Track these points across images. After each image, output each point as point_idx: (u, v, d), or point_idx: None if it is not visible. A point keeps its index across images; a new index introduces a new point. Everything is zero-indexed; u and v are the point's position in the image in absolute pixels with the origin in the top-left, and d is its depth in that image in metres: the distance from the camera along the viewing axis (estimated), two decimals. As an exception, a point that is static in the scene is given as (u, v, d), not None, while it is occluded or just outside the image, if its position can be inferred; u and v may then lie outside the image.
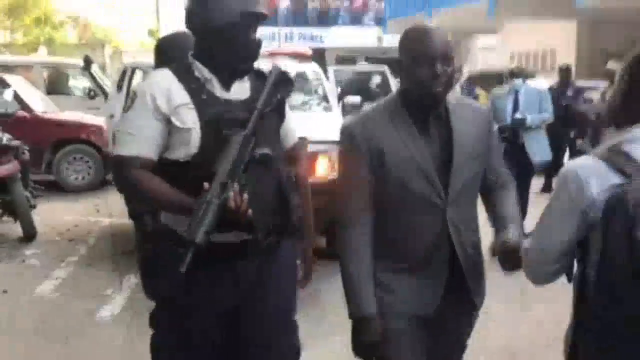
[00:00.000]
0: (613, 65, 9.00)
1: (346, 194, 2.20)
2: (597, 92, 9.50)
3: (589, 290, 1.69)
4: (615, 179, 1.65)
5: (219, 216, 2.05)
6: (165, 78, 2.24)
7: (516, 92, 6.54)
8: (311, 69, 7.87)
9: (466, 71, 17.68)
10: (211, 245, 2.07)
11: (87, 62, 11.64)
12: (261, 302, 2.33)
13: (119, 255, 5.83)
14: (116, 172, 2.37)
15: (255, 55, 2.32)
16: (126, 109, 2.28)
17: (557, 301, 2.57)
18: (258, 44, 2.32)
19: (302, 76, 7.60)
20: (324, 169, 5.45)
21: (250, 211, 2.12)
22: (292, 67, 7.84)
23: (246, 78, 2.34)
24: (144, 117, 2.18)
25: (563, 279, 1.80)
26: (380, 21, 26.95)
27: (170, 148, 2.20)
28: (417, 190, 2.12)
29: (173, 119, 2.18)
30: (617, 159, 1.67)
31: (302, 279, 2.56)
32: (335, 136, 3.77)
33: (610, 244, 1.61)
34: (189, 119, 2.19)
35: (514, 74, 6.78)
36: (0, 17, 28.37)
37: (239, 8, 2.19)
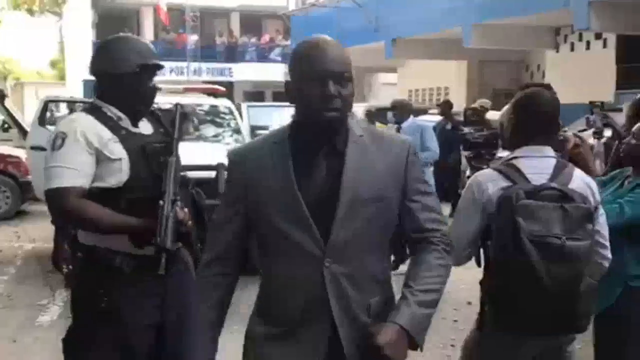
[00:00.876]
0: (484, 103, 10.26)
1: (210, 230, 1.98)
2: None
3: (489, 267, 2.35)
4: (505, 183, 2.31)
5: (175, 228, 2.31)
6: (87, 119, 2.49)
7: (399, 128, 6.78)
8: (223, 104, 8.37)
9: (363, 106, 18.80)
10: (137, 258, 2.39)
11: (1, 96, 11.87)
12: (183, 315, 2.49)
13: (47, 272, 6.25)
14: (55, 203, 2.43)
15: (152, 100, 2.59)
16: (57, 147, 2.40)
17: None
18: (154, 89, 2.59)
19: (215, 110, 8.13)
20: None
21: (190, 223, 2.40)
22: (205, 102, 8.22)
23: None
24: (77, 153, 2.40)
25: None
26: (286, 57, 27.90)
27: (99, 178, 2.42)
28: (293, 237, 1.78)
29: (105, 152, 2.43)
30: (507, 170, 2.36)
31: None
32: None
33: (500, 227, 2.27)
34: (117, 151, 2.44)
35: (394, 107, 7.10)
36: None
37: (137, 61, 2.49)
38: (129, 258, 2.44)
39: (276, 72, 28.94)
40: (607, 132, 7.17)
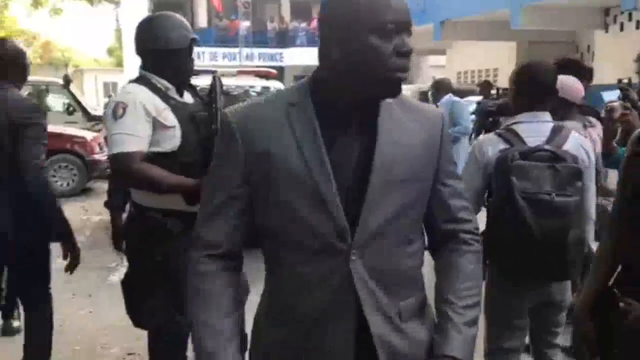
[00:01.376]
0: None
1: (204, 206, 1.54)
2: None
3: (490, 217, 2.66)
4: (503, 146, 2.60)
5: None
6: (142, 89, 2.73)
7: (436, 106, 7.32)
8: (274, 85, 8.61)
9: (411, 88, 19.04)
10: (185, 216, 2.58)
11: (67, 81, 12.63)
12: None
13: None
14: (120, 166, 2.64)
15: (192, 71, 2.88)
16: (118, 116, 2.63)
17: None
18: (193, 62, 2.88)
19: (267, 91, 8.25)
20: None
21: None
22: (258, 84, 8.46)
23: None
24: (137, 121, 2.64)
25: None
26: (336, 42, 28.12)
27: (155, 143, 2.67)
28: (310, 222, 1.43)
29: (160, 120, 2.68)
30: (506, 134, 2.65)
31: None
32: None
33: (497, 186, 2.59)
34: (170, 119, 2.70)
35: (433, 86, 7.42)
36: (-37, 37, 28.67)
37: (187, 37, 2.79)
38: (178, 219, 2.69)
39: (326, 56, 29.33)
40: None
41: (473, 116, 8.16)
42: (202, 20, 31.39)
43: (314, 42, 30.38)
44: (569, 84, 3.36)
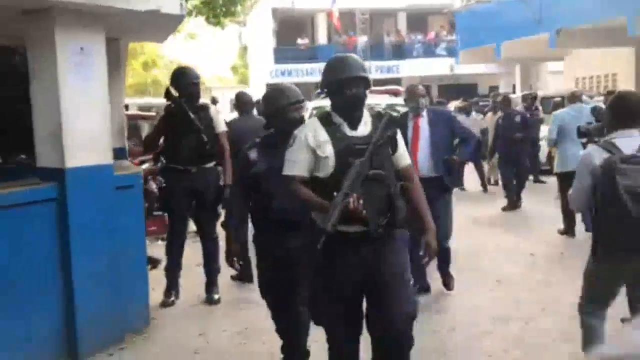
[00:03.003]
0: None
1: None
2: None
3: (596, 216, 3.51)
4: (606, 154, 3.39)
5: (342, 214, 2.95)
6: (313, 123, 3.26)
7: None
8: (400, 101, 9.31)
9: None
10: (341, 233, 3.03)
11: (214, 101, 14.31)
12: (379, 273, 3.20)
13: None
14: (286, 185, 3.25)
15: (359, 107, 3.23)
16: (290, 145, 3.26)
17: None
18: (358, 97, 3.20)
19: (393, 107, 9.18)
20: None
21: (364, 211, 3.00)
22: (385, 100, 9.57)
23: (370, 119, 3.26)
24: (300, 151, 3.20)
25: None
26: (451, 52, 28.85)
27: (316, 170, 3.17)
28: None
29: (317, 151, 3.16)
30: (607, 146, 3.47)
31: (426, 258, 3.35)
32: None
33: (605, 184, 3.39)
34: (327, 151, 3.14)
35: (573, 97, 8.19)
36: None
37: (353, 74, 3.19)
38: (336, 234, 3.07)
39: (442, 66, 30.00)
40: None
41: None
42: (322, 37, 32.91)
43: (430, 53, 31.20)
44: None
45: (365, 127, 3.21)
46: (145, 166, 7.26)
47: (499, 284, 6.10)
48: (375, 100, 9.40)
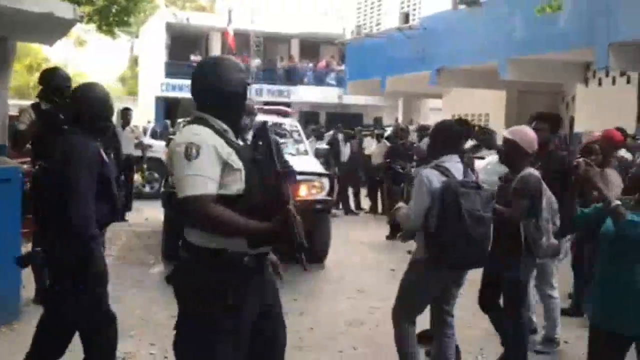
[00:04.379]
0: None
1: None
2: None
3: (430, 229, 3.86)
4: (443, 178, 3.82)
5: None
6: (208, 132, 2.67)
7: None
8: (290, 122, 9.85)
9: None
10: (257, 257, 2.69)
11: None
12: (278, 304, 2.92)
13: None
14: (194, 208, 2.57)
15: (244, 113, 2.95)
16: (193, 157, 2.57)
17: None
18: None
19: (283, 127, 9.44)
20: (305, 192, 7.65)
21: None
22: (276, 120, 9.44)
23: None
24: (210, 164, 2.59)
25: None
26: (341, 81, 29.84)
27: (222, 186, 2.60)
28: None
29: (229, 162, 2.62)
30: (441, 169, 3.93)
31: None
32: (313, 170, 6.18)
33: (444, 207, 3.78)
34: (237, 162, 2.64)
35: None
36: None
37: (245, 80, 2.82)
38: (254, 257, 2.69)
39: (331, 95, 30.97)
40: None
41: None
42: (215, 56, 33.03)
43: (321, 81, 32.10)
44: (527, 136, 4.31)
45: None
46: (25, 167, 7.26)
47: (359, 292, 6.67)
48: (265, 118, 9.57)
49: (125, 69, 48.10)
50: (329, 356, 4.95)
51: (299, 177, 6.97)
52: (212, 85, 2.76)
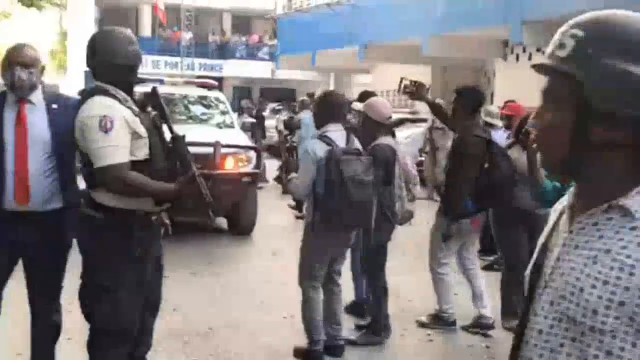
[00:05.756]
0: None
1: None
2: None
3: (318, 195, 4.19)
4: (327, 147, 4.08)
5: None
6: (115, 102, 2.89)
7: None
8: (216, 95, 9.70)
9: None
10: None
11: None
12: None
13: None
14: (115, 175, 2.85)
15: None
16: (108, 129, 2.81)
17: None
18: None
19: (210, 100, 9.42)
20: (231, 165, 7.61)
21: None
22: (202, 93, 9.46)
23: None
24: (123, 134, 2.85)
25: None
26: (273, 56, 30.07)
27: (131, 152, 2.88)
28: None
29: (137, 130, 2.89)
30: (325, 139, 4.21)
31: None
32: (239, 143, 6.36)
33: (328, 174, 4.08)
34: (142, 130, 2.92)
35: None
36: None
37: (135, 52, 3.03)
38: (158, 215, 3.13)
39: (263, 70, 31.12)
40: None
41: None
42: (146, 30, 32.72)
43: (252, 56, 32.18)
44: (375, 107, 4.67)
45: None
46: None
47: (274, 256, 7.10)
48: (189, 91, 9.48)
49: (55, 43, 46.80)
50: (238, 314, 5.34)
51: (225, 150, 6.96)
52: (105, 57, 2.98)
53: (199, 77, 27.26)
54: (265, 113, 18.37)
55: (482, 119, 6.71)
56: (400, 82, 5.18)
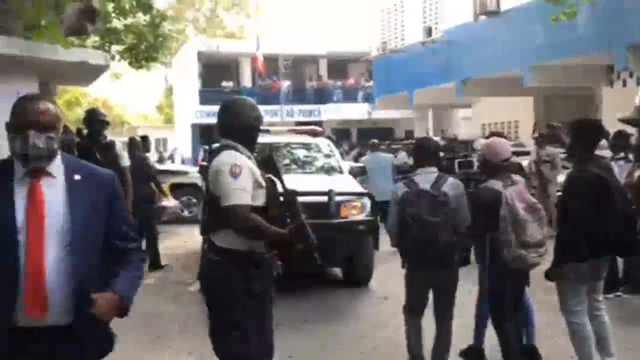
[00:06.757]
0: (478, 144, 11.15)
1: None
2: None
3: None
4: (406, 189, 4.47)
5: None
6: (242, 156, 3.36)
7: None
8: (323, 142, 9.43)
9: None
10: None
11: (144, 140, 14.75)
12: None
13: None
14: (239, 215, 3.21)
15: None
16: (237, 175, 3.23)
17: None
18: None
19: (317, 147, 9.16)
20: (346, 213, 7.34)
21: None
22: (309, 140, 9.24)
23: None
24: (249, 180, 3.28)
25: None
26: (369, 97, 30.26)
27: (252, 199, 3.27)
28: None
29: (259, 180, 3.34)
30: (408, 182, 4.54)
31: None
32: (352, 190, 6.76)
33: (399, 214, 4.43)
34: (263, 181, 3.37)
35: None
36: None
37: (256, 117, 3.51)
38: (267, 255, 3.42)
39: (360, 111, 31.42)
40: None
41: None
42: (246, 81, 33.88)
43: (349, 98, 32.59)
44: (491, 148, 4.59)
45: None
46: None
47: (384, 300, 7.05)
48: (298, 139, 9.34)
49: (161, 98, 49.24)
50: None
51: (339, 198, 7.10)
52: (233, 121, 3.47)
53: (298, 123, 28.05)
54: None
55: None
56: (534, 127, 5.14)
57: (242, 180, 3.23)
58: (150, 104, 51.72)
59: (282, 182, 3.45)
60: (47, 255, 2.40)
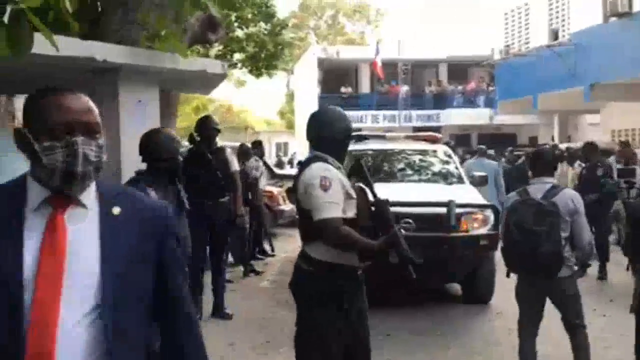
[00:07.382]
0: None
1: None
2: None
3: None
4: (517, 198, 4.43)
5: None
6: (332, 168, 3.31)
7: None
8: (442, 149, 8.97)
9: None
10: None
11: (257, 144, 15.21)
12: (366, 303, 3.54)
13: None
14: (331, 228, 3.17)
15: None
16: (327, 188, 3.20)
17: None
18: None
19: (435, 154, 8.69)
20: (467, 226, 6.84)
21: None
22: (426, 147, 8.73)
23: None
24: (339, 192, 3.24)
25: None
26: (490, 102, 29.55)
27: (343, 211, 3.23)
28: None
29: (350, 192, 3.30)
30: (521, 192, 4.49)
31: None
32: (474, 201, 6.43)
33: (506, 221, 4.42)
34: (353, 193, 3.33)
35: None
36: (164, 107, 33.34)
37: (346, 128, 3.45)
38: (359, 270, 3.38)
39: (481, 116, 30.65)
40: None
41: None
42: (365, 86, 33.98)
43: (470, 103, 31.90)
44: None
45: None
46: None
47: (499, 315, 6.81)
48: (415, 145, 8.91)
49: (283, 104, 50.36)
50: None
51: (459, 210, 6.63)
52: (323, 132, 3.41)
53: (416, 128, 27.79)
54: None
55: None
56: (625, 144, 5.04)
57: (332, 193, 3.21)
58: (273, 110, 53.04)
59: (372, 190, 3.39)
60: (62, 324, 1.55)
